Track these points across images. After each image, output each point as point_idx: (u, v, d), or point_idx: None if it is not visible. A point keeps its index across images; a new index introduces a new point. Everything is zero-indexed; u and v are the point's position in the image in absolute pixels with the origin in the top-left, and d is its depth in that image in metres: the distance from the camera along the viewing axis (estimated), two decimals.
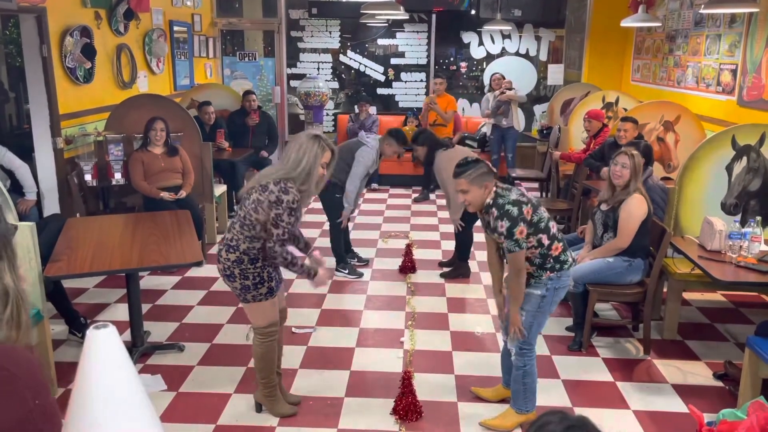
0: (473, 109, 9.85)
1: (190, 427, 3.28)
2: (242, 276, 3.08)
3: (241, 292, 3.12)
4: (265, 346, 3.24)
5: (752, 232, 3.94)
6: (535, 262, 3.13)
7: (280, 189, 2.99)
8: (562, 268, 3.16)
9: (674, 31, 7.33)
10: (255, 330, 3.25)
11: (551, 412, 1.26)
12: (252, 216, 3.04)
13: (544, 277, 3.14)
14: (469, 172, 3.06)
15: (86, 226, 4.37)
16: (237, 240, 3.07)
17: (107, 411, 1.15)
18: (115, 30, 6.41)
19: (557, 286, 3.16)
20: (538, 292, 3.15)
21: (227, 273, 3.11)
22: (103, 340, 1.18)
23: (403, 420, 3.34)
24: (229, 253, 3.08)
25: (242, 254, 3.06)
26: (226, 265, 3.09)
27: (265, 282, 3.12)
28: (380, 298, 5.04)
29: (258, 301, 3.14)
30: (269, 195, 2.99)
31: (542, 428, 1.19)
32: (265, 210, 3.00)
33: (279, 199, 2.97)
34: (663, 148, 6.04)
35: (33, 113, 5.41)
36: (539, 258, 3.12)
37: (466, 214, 5.26)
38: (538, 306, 3.16)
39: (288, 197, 2.98)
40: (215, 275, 5.42)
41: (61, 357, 3.95)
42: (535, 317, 3.18)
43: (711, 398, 3.63)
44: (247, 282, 3.09)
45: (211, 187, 6.10)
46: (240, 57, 9.72)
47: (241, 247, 3.06)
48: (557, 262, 3.14)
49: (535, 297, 3.16)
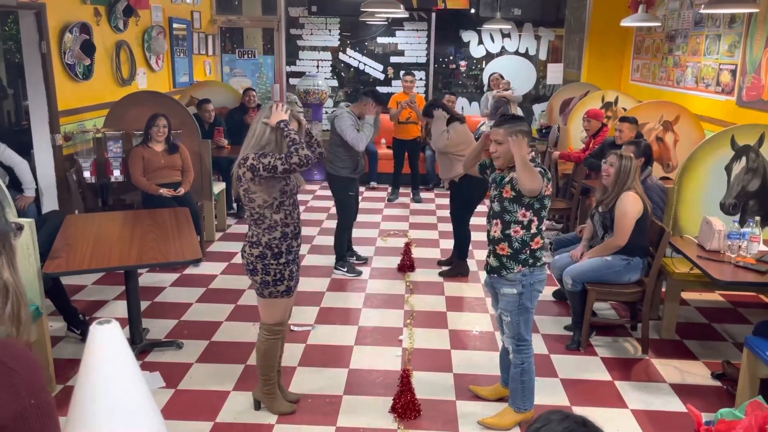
0: (472, 108, 9.85)
1: (188, 424, 3.29)
2: (264, 271, 3.12)
3: (260, 286, 3.17)
4: (269, 343, 3.26)
5: (751, 232, 3.95)
6: (514, 246, 3.11)
7: (242, 164, 3.05)
8: (535, 264, 3.14)
9: (674, 31, 7.34)
10: (262, 326, 3.27)
11: (553, 411, 1.26)
12: (254, 207, 3.09)
13: (516, 272, 3.12)
14: (515, 123, 3.09)
15: (85, 223, 4.37)
16: (257, 235, 3.12)
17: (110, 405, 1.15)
18: (114, 27, 6.40)
19: (531, 281, 3.15)
20: (514, 291, 3.14)
21: (250, 268, 3.16)
22: (106, 336, 1.18)
23: (401, 418, 3.34)
24: (252, 248, 3.13)
25: (265, 248, 3.10)
26: (250, 260, 3.14)
27: (284, 280, 3.16)
28: (379, 296, 5.04)
29: (274, 297, 3.18)
30: (245, 176, 3.05)
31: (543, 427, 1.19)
32: (256, 189, 3.05)
33: (250, 167, 3.01)
34: (662, 148, 6.05)
35: (32, 110, 5.39)
36: (519, 242, 3.11)
37: (460, 202, 5.29)
38: (518, 304, 3.16)
39: (249, 161, 3.01)
40: (214, 272, 5.43)
41: (60, 354, 3.94)
42: (519, 315, 3.18)
43: (709, 398, 3.64)
44: (268, 278, 3.13)
45: (210, 184, 6.09)
46: (239, 54, 9.71)
47: (263, 241, 3.10)
48: (532, 256, 3.13)
49: (512, 297, 3.16)
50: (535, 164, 3.04)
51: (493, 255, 3.19)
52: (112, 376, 1.16)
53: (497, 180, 3.20)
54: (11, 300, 1.25)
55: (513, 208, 3.09)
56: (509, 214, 3.10)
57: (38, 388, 1.17)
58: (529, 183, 2.95)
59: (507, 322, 3.21)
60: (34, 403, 1.15)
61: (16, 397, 1.13)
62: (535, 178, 2.95)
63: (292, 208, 3.16)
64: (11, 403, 1.12)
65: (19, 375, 1.14)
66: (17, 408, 1.13)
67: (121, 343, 1.19)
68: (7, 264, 1.27)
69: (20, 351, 1.19)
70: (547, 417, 1.22)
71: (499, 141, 3.10)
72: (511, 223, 3.10)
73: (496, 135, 3.11)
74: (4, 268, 1.25)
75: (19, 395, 1.13)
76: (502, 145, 3.09)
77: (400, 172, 8.19)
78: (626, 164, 4.06)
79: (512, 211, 3.09)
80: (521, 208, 3.08)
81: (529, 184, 2.95)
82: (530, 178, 2.94)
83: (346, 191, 5.35)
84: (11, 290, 1.25)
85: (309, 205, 7.73)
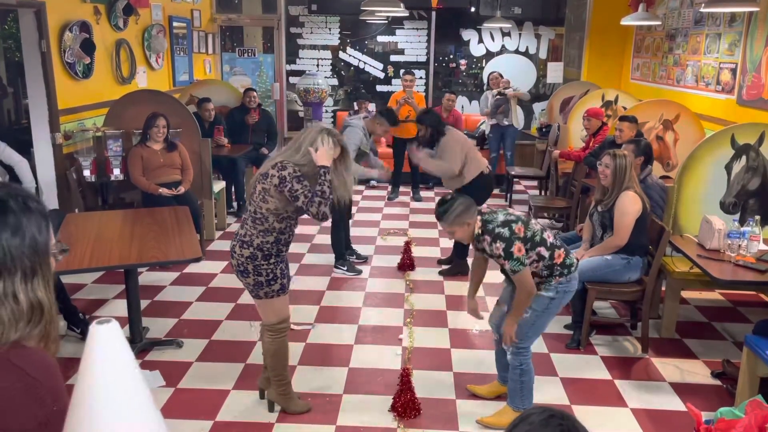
0: (472, 107, 9.84)
1: (188, 423, 3.28)
2: (256, 272, 3.08)
3: (254, 288, 3.13)
4: (277, 343, 3.24)
5: (751, 231, 3.95)
6: (543, 274, 3.16)
7: (278, 169, 3.00)
8: (570, 271, 3.18)
9: (674, 29, 7.33)
10: (266, 327, 3.24)
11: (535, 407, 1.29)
12: (262, 208, 3.05)
13: (554, 282, 3.16)
14: (447, 215, 3.11)
15: (85, 222, 4.37)
16: (250, 235, 3.07)
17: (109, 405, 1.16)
18: (114, 25, 6.39)
19: (567, 289, 3.19)
20: (549, 294, 3.16)
21: (241, 269, 3.11)
22: (106, 336, 1.18)
23: (401, 417, 3.34)
24: (243, 249, 3.08)
25: (256, 250, 3.06)
26: (240, 261, 3.09)
27: (278, 279, 3.13)
28: (379, 295, 5.04)
29: (270, 297, 3.15)
30: (272, 179, 3.00)
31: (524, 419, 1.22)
32: (274, 196, 3.01)
33: (281, 177, 2.97)
34: (662, 147, 6.04)
35: (32, 108, 5.39)
36: (545, 270, 3.14)
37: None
38: (546, 306, 3.18)
39: (286, 171, 2.98)
40: (214, 271, 5.43)
41: (60, 352, 3.91)
42: (539, 317, 3.18)
43: (709, 397, 3.64)
44: (261, 278, 3.09)
45: (210, 183, 6.09)
46: (239, 53, 9.70)
47: (255, 243, 3.06)
48: (564, 267, 3.17)
49: (544, 298, 3.17)
50: None
51: None
52: (111, 375, 1.16)
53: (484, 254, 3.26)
54: (44, 321, 1.25)
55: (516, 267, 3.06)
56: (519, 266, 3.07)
57: (61, 395, 1.18)
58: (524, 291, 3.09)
59: (524, 319, 3.18)
60: (57, 409, 1.16)
61: (41, 406, 1.15)
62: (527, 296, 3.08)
63: (293, 222, 3.15)
64: (37, 411, 1.14)
65: (42, 384, 1.16)
66: (42, 417, 1.14)
67: (120, 342, 1.19)
68: (43, 284, 1.27)
69: (41, 358, 1.21)
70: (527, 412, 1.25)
71: (450, 231, 3.19)
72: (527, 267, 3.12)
73: (444, 229, 3.21)
74: (39, 288, 1.25)
75: (44, 404, 1.15)
76: (455, 233, 3.17)
77: (400, 170, 8.18)
78: (621, 162, 4.06)
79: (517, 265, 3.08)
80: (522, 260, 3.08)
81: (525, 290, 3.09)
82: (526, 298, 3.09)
83: None
84: (45, 310, 1.25)
85: None
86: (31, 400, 1.14)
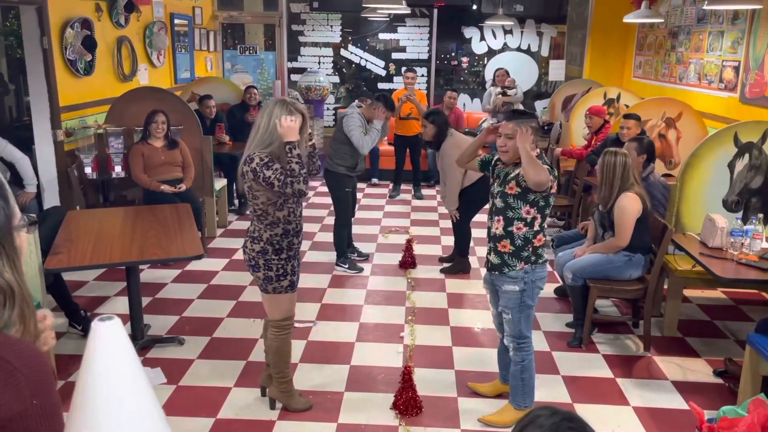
0: (474, 105, 9.83)
1: (189, 420, 3.28)
2: (266, 267, 3.12)
3: (263, 282, 3.16)
4: (280, 340, 3.25)
5: (754, 229, 3.94)
6: (516, 243, 3.10)
7: (247, 163, 3.03)
8: (536, 261, 3.13)
9: (677, 27, 7.31)
10: (270, 323, 3.26)
11: (542, 407, 1.27)
12: (258, 203, 3.08)
13: (519, 269, 3.11)
14: (520, 119, 3.08)
15: (86, 219, 4.36)
16: (259, 230, 3.11)
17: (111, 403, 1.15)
18: (115, 22, 6.39)
19: (533, 278, 3.14)
20: (516, 288, 3.13)
21: (252, 263, 3.15)
22: (108, 333, 1.17)
23: (403, 415, 3.34)
24: (254, 244, 3.12)
25: (266, 244, 3.09)
26: (251, 255, 3.14)
27: (287, 275, 3.16)
28: (380, 293, 5.04)
29: (278, 293, 3.17)
30: (247, 176, 3.04)
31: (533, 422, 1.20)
32: (259, 189, 3.04)
33: (253, 170, 2.99)
34: (664, 145, 6.03)
35: (33, 105, 5.38)
36: (521, 240, 3.09)
37: (462, 206, 5.27)
38: (519, 301, 3.15)
39: (254, 163, 2.99)
40: (215, 269, 5.43)
41: (61, 349, 3.94)
42: (520, 312, 3.17)
43: (711, 395, 3.63)
44: (271, 273, 3.12)
45: (212, 180, 6.09)
46: (241, 50, 9.69)
47: (264, 237, 3.10)
48: (534, 253, 3.12)
49: (513, 294, 3.14)
50: (541, 161, 3.03)
51: (494, 252, 3.18)
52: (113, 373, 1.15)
53: (501, 176, 3.18)
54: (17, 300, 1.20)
55: (517, 204, 3.07)
56: (513, 210, 3.09)
57: (44, 390, 1.13)
58: (534, 176, 2.94)
59: (508, 320, 3.20)
60: (37, 403, 1.11)
61: (19, 398, 1.10)
62: (540, 171, 2.94)
63: (295, 207, 3.15)
64: (13, 403, 1.09)
65: (23, 375, 1.11)
66: (18, 409, 1.09)
67: (122, 339, 1.18)
68: (9, 265, 1.21)
69: (28, 350, 1.16)
70: (536, 412, 1.22)
71: (509, 135, 3.08)
72: (514, 220, 3.09)
73: (505, 129, 3.10)
74: (6, 270, 1.20)
75: (21, 395, 1.10)
76: (511, 139, 3.07)
77: (401, 168, 8.17)
78: (609, 160, 4.05)
79: (516, 208, 3.08)
80: (525, 205, 3.06)
81: (535, 177, 2.94)
82: (536, 171, 2.93)
83: (342, 188, 5.36)
84: (16, 291, 1.20)
85: (311, 202, 7.73)
86: (8, 390, 1.09)
